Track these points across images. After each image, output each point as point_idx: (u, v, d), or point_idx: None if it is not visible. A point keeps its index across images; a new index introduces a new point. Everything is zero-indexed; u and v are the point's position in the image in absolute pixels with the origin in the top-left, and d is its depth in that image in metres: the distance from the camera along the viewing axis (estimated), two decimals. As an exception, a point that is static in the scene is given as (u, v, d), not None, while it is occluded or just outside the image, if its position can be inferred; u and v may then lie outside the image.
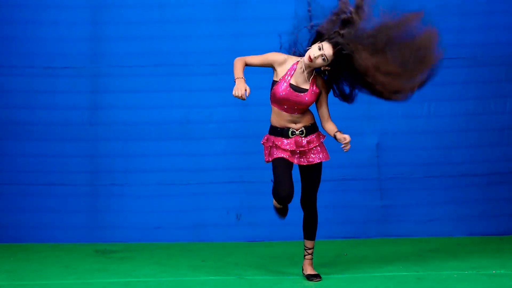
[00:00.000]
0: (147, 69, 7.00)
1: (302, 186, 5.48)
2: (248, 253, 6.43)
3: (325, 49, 5.23)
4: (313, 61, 5.26)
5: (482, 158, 7.00)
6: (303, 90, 5.33)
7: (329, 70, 5.32)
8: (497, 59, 6.99)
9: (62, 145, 7.00)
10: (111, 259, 6.31)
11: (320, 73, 5.40)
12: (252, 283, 5.44)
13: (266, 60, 5.38)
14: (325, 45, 5.24)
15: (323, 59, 5.24)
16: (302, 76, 5.34)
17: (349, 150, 5.27)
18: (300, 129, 5.39)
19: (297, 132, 5.38)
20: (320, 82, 5.40)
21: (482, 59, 6.98)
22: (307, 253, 5.56)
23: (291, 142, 5.36)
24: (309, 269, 5.55)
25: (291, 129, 5.38)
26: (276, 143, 5.36)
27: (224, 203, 7.00)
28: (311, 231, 5.52)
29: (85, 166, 7.00)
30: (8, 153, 6.99)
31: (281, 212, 5.47)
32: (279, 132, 5.38)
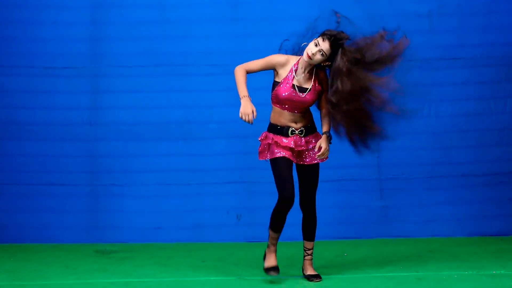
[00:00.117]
0: (147, 69, 7.00)
1: (300, 187, 5.48)
2: (248, 254, 6.43)
3: (322, 44, 5.25)
4: (312, 58, 5.27)
5: (482, 158, 7.00)
6: (305, 89, 5.34)
7: (329, 65, 5.32)
8: (497, 59, 6.99)
9: (62, 145, 7.00)
10: (111, 260, 6.31)
11: (322, 69, 5.42)
12: (252, 283, 5.44)
13: (268, 64, 5.38)
14: (320, 40, 5.25)
15: (321, 54, 5.25)
16: (303, 75, 5.35)
17: (326, 159, 5.35)
18: (299, 129, 5.39)
19: (296, 131, 5.38)
20: (321, 77, 5.41)
21: (482, 59, 6.98)
22: (307, 254, 5.56)
23: (290, 141, 5.37)
24: (309, 269, 5.55)
25: (291, 128, 5.38)
26: (276, 140, 5.36)
27: (224, 203, 7.00)
28: (311, 232, 5.52)
29: (85, 166, 7.00)
30: (8, 153, 6.99)
31: (274, 270, 5.43)
32: (279, 130, 5.39)
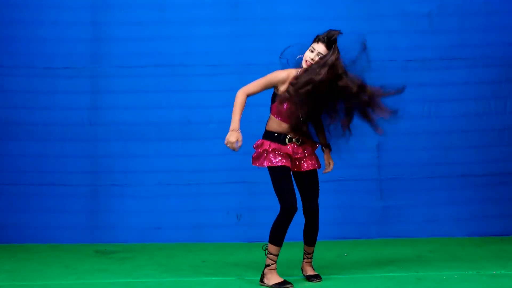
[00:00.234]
0: (148, 69, 7.00)
1: (303, 195, 5.45)
2: (248, 254, 6.43)
3: (317, 47, 5.22)
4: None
5: (482, 158, 7.00)
6: None
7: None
8: (497, 60, 6.99)
9: (62, 145, 7.00)
10: (111, 260, 6.31)
11: None
12: (252, 283, 5.44)
13: (270, 84, 5.30)
14: (315, 45, 5.23)
15: (320, 58, 5.23)
16: None
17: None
18: (296, 137, 5.37)
19: (293, 139, 5.36)
20: None
21: (482, 59, 6.99)
22: (307, 257, 5.56)
23: (290, 148, 5.34)
24: (309, 269, 5.55)
25: (288, 136, 5.36)
26: (273, 147, 5.32)
27: (224, 204, 7.00)
28: (312, 238, 5.51)
29: (85, 166, 7.00)
30: (8, 153, 6.99)
31: (288, 283, 5.38)
32: (276, 138, 5.36)
